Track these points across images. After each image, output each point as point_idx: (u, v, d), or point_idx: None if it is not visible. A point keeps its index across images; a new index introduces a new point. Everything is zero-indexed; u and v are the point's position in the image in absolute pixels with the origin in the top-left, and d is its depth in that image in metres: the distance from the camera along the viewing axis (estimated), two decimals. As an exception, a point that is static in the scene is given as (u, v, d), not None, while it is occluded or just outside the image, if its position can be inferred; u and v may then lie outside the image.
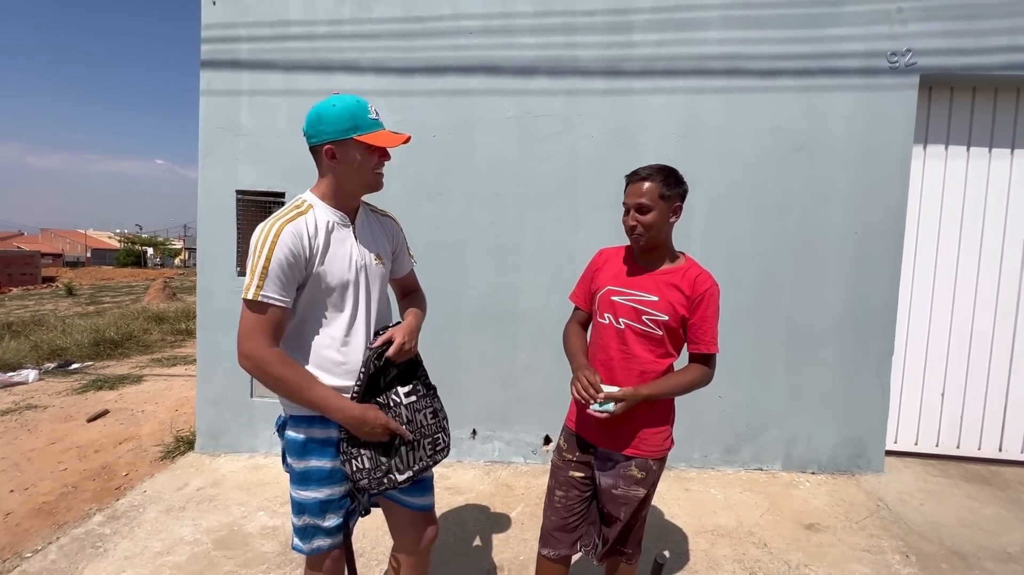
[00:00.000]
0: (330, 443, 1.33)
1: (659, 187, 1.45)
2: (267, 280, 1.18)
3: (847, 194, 3.05)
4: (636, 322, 1.51)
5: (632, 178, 1.50)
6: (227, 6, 3.21)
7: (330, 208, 1.33)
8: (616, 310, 1.55)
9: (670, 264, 1.56)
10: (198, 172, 3.30)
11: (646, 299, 1.50)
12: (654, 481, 1.56)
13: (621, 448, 1.54)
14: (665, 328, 1.49)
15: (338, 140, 1.25)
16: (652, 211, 1.45)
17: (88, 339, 6.43)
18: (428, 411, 1.42)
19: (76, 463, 3.28)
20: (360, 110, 1.26)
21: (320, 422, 1.31)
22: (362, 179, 1.32)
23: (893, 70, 2.97)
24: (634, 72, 3.08)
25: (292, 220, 1.24)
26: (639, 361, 1.52)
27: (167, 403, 4.42)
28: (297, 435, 1.32)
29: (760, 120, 3.06)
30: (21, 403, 4.38)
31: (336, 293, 1.31)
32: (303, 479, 1.33)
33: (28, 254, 26.53)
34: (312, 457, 1.32)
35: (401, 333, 1.35)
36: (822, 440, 3.16)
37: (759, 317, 3.13)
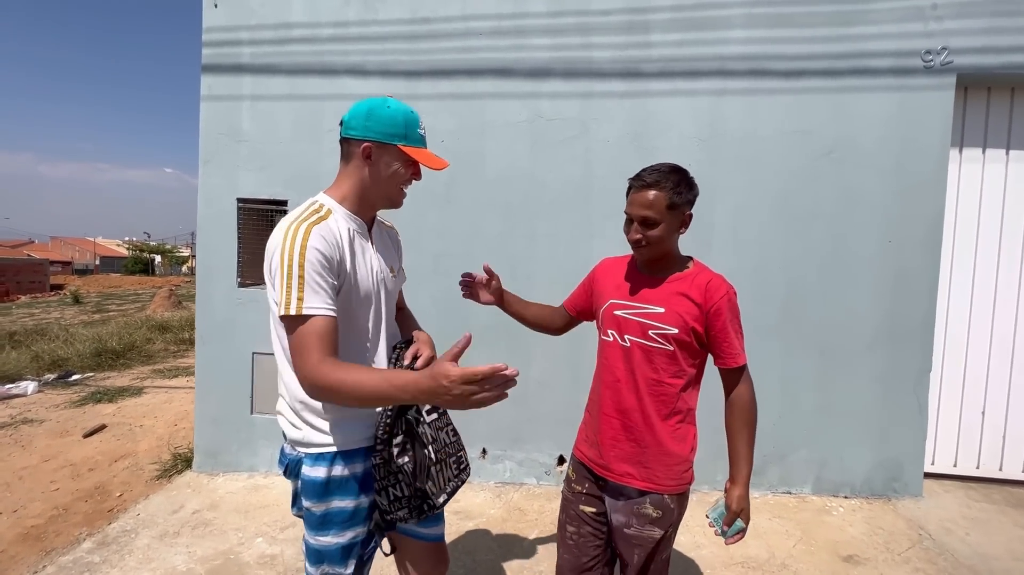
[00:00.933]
0: (354, 479, 1.21)
1: (668, 196, 1.28)
2: (305, 290, 1.05)
3: (880, 201, 2.88)
4: (643, 338, 1.35)
5: (636, 183, 1.32)
6: (229, 8, 3.11)
7: (349, 214, 1.23)
8: (620, 326, 1.40)
9: (677, 271, 1.39)
10: (198, 179, 3.18)
11: (651, 311, 1.35)
12: (673, 521, 1.39)
13: (633, 482, 1.37)
14: (676, 342, 1.33)
15: (380, 142, 1.18)
16: (659, 225, 1.29)
17: (90, 349, 6.32)
18: (449, 429, 1.35)
19: (69, 482, 3.14)
20: (413, 121, 1.22)
21: (343, 457, 1.20)
22: (387, 191, 1.24)
23: (928, 70, 2.81)
24: (652, 74, 2.93)
25: (318, 223, 1.12)
26: (647, 382, 1.36)
27: (166, 417, 4.29)
28: (316, 475, 1.19)
29: (786, 123, 2.90)
30: (18, 417, 4.26)
31: (362, 306, 1.21)
32: (323, 524, 1.20)
33: (37, 262, 26.74)
34: (335, 497, 1.20)
35: (428, 346, 1.30)
36: (855, 462, 2.96)
37: (786, 331, 2.95)
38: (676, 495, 1.39)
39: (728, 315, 1.32)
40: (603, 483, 1.46)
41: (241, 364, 3.17)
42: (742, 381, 1.38)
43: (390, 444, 1.20)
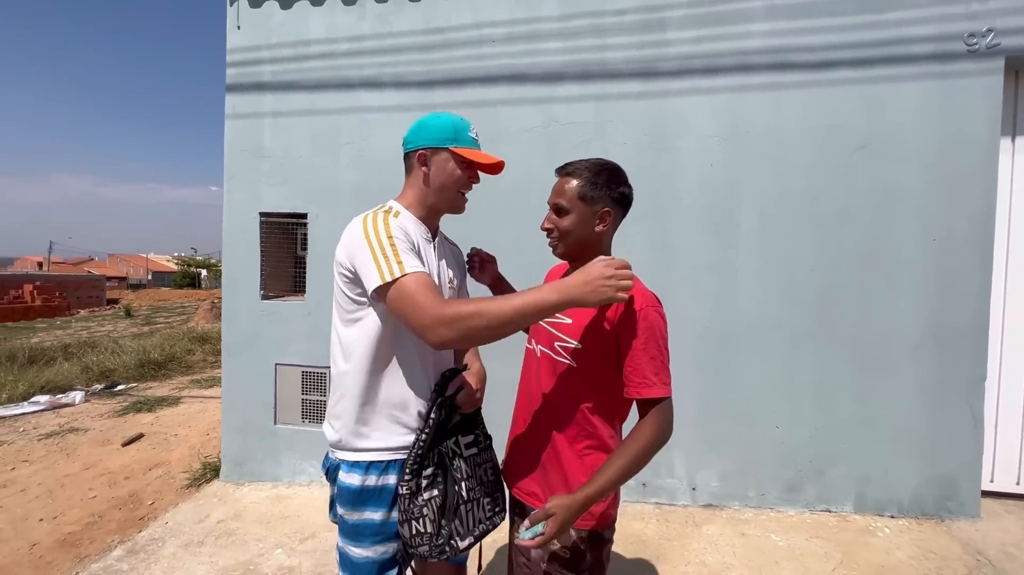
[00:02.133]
0: (387, 492, 1.19)
1: (581, 186, 1.18)
2: (400, 255, 1.07)
3: (921, 197, 2.68)
4: (549, 349, 1.24)
5: (557, 172, 1.26)
6: (251, 29, 3.21)
7: (415, 219, 1.26)
8: (535, 333, 1.31)
9: None
10: (223, 196, 3.28)
11: (560, 322, 1.22)
12: (589, 567, 1.17)
13: (534, 503, 1.22)
14: (577, 358, 1.18)
15: (433, 147, 1.23)
16: (569, 214, 1.20)
17: (134, 360, 6.63)
18: (488, 466, 1.29)
19: (106, 490, 3.26)
20: (462, 126, 1.26)
21: (376, 467, 1.19)
22: (447, 195, 1.26)
23: (972, 54, 2.61)
24: (669, 72, 2.84)
25: (388, 218, 1.16)
26: (552, 401, 1.22)
27: (199, 427, 4.42)
28: (351, 482, 1.19)
29: (814, 118, 2.75)
30: (65, 426, 4.48)
31: None
32: (356, 534, 1.20)
33: (94, 278, 28.46)
34: (367, 507, 1.19)
35: (476, 380, 1.28)
36: (901, 478, 2.74)
37: (820, 338, 2.78)
38: (588, 533, 1.17)
39: (644, 332, 1.11)
40: (520, 507, 1.29)
41: (264, 375, 3.23)
42: (652, 414, 1.10)
43: (419, 475, 1.15)
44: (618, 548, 2.49)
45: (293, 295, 3.35)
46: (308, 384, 3.23)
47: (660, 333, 1.13)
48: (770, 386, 2.82)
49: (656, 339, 1.12)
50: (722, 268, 2.82)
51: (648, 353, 1.11)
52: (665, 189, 2.86)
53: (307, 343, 3.18)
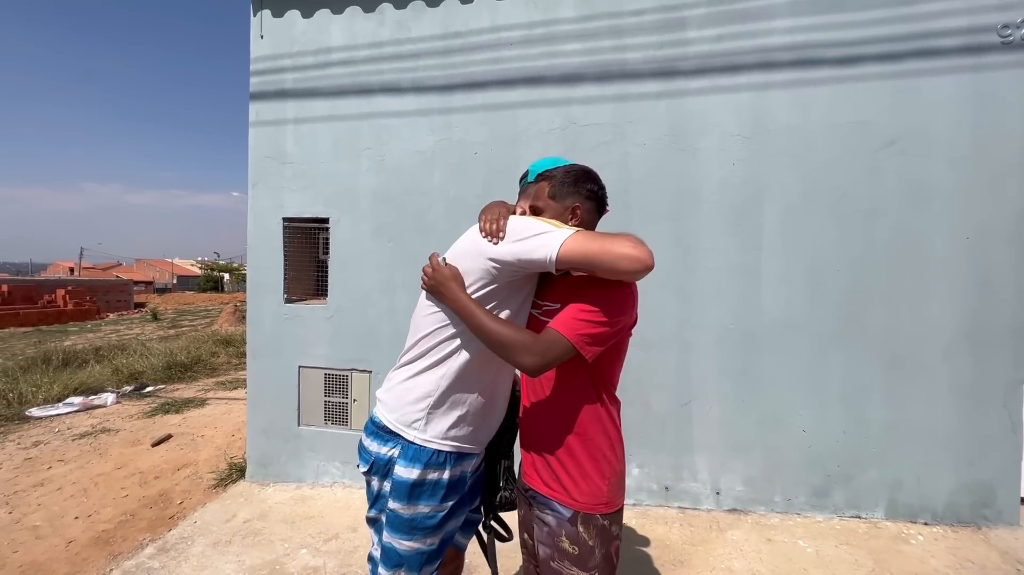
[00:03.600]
0: (440, 486, 1.26)
1: (551, 187, 1.31)
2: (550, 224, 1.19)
3: (953, 193, 2.60)
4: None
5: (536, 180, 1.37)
6: (274, 38, 3.27)
7: None
8: (531, 326, 1.32)
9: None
10: (248, 202, 3.34)
11: (550, 308, 1.27)
12: (598, 564, 1.21)
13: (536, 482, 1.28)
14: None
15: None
16: (543, 213, 1.31)
17: (162, 363, 6.80)
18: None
19: (137, 490, 3.35)
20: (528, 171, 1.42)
21: (449, 459, 1.27)
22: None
23: (1006, 45, 2.52)
24: (690, 71, 2.81)
25: None
26: (552, 391, 1.29)
27: (225, 428, 4.51)
28: (409, 475, 1.24)
29: (839, 114, 2.69)
30: (98, 427, 4.62)
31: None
32: (410, 528, 1.25)
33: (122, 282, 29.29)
34: (422, 502, 1.24)
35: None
36: (935, 484, 2.66)
37: (848, 338, 2.71)
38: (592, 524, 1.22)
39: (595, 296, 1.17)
40: (530, 492, 1.32)
41: (288, 378, 3.28)
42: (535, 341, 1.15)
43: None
44: (641, 552, 2.46)
45: (315, 299, 3.40)
46: (331, 387, 3.27)
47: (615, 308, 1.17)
48: (796, 389, 2.77)
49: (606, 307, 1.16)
50: (745, 269, 2.78)
51: (585, 311, 1.16)
52: (686, 189, 2.83)
53: (329, 346, 3.22)
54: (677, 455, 2.87)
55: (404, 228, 3.08)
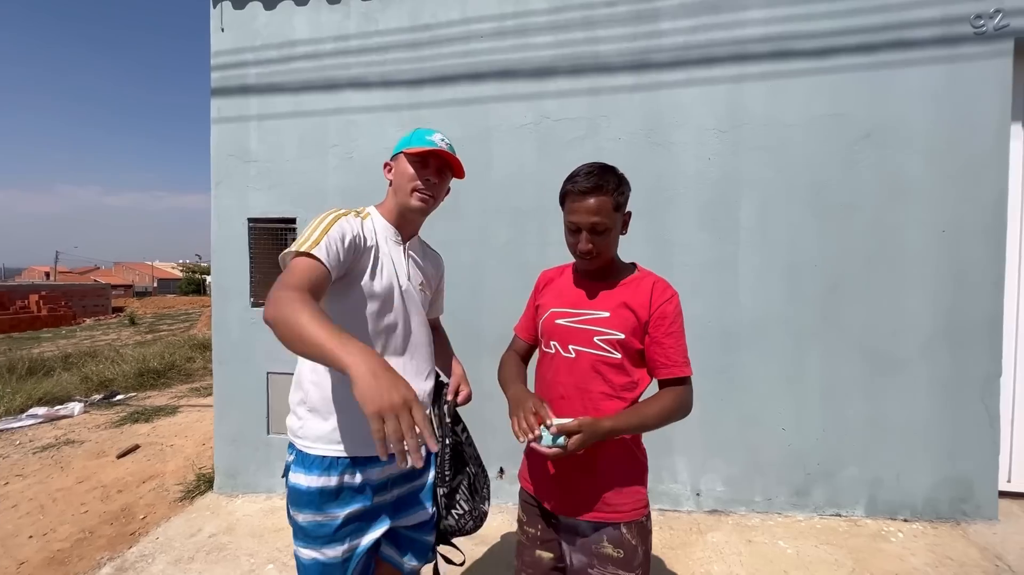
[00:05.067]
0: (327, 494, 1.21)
1: (613, 198, 1.19)
2: (319, 244, 1.13)
3: (929, 187, 2.57)
4: (588, 346, 1.24)
5: (575, 188, 1.20)
6: (235, 31, 3.14)
7: (386, 223, 1.34)
8: (563, 336, 1.27)
9: (622, 275, 1.29)
10: (211, 202, 3.21)
11: (596, 317, 1.24)
12: (641, 562, 1.22)
13: (580, 512, 1.23)
14: (623, 349, 1.22)
15: (394, 155, 1.34)
16: (610, 231, 1.21)
17: (133, 370, 6.59)
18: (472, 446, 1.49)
19: (98, 505, 3.20)
20: (422, 132, 1.31)
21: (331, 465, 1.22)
22: (401, 195, 1.31)
23: (979, 36, 2.50)
24: (664, 64, 2.74)
25: (349, 215, 1.26)
26: (596, 396, 1.23)
27: (196, 436, 4.36)
28: (297, 482, 1.22)
29: (815, 107, 2.65)
30: (61, 438, 4.43)
31: (378, 300, 1.26)
32: (304, 535, 1.23)
33: (100, 287, 28.61)
34: (310, 509, 1.21)
35: (466, 384, 1.44)
36: (914, 480, 2.63)
37: (827, 335, 2.68)
38: (633, 524, 1.23)
39: (672, 319, 1.23)
40: (555, 521, 1.31)
41: (256, 384, 3.16)
42: (679, 387, 1.24)
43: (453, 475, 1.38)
44: (620, 558, 2.40)
45: (284, 302, 3.28)
46: (300, 393, 3.15)
47: (682, 319, 1.25)
48: (775, 386, 2.73)
49: (680, 324, 1.24)
50: (723, 265, 2.72)
51: (674, 337, 1.22)
52: (662, 185, 2.77)
53: (298, 351, 3.10)
54: (657, 456, 2.77)
55: (374, 228, 2.97)
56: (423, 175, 1.28)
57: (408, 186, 1.28)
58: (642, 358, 1.25)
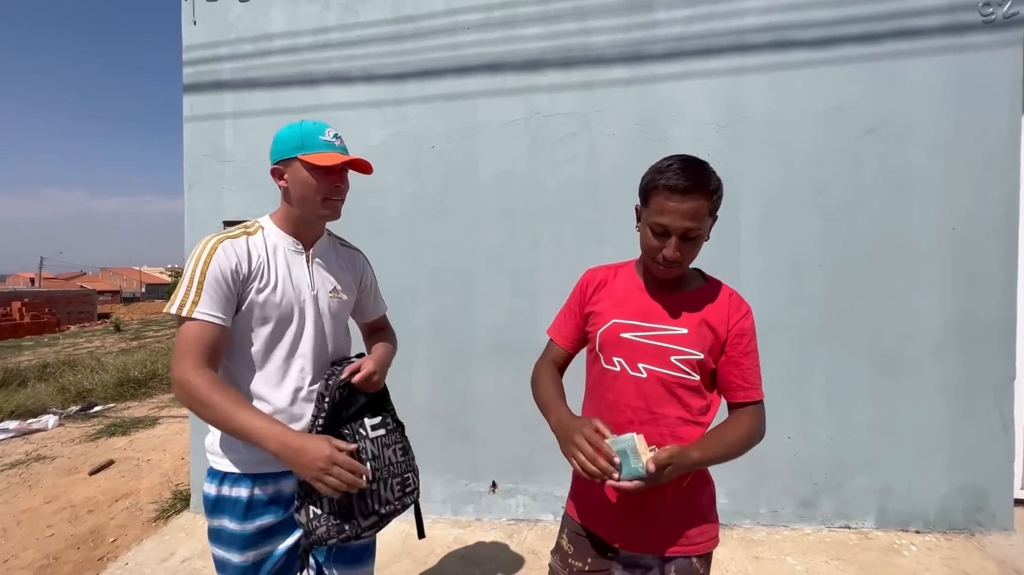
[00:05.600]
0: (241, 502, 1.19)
1: (711, 201, 1.04)
2: (202, 295, 1.10)
3: (937, 182, 2.46)
4: (664, 366, 1.10)
5: (669, 184, 1.02)
6: (208, 24, 2.97)
7: (282, 233, 1.27)
8: (630, 352, 1.12)
9: (692, 284, 1.16)
10: (184, 205, 3.03)
11: (672, 333, 1.10)
12: None
13: (652, 546, 1.12)
14: (701, 370, 1.10)
15: (284, 159, 1.21)
16: (701, 239, 1.08)
17: (113, 379, 6.37)
18: (398, 447, 1.29)
19: (65, 527, 3.01)
20: (312, 130, 1.20)
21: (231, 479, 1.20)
22: (309, 205, 1.22)
23: (988, 25, 2.39)
24: (660, 55, 2.62)
25: (233, 238, 1.19)
26: (673, 422, 1.10)
27: (175, 450, 4.17)
28: (208, 491, 1.22)
29: (818, 100, 2.53)
30: (33, 453, 4.22)
31: (275, 323, 1.21)
32: (215, 538, 1.22)
33: (85, 293, 28.10)
34: (223, 516, 1.20)
35: (371, 363, 1.26)
36: (926, 490, 2.52)
37: (832, 338, 2.56)
38: (706, 556, 1.15)
39: (751, 337, 1.14)
40: (613, 553, 1.18)
41: (234, 397, 2.99)
42: (755, 410, 1.14)
43: None
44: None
45: (263, 309, 3.11)
46: (281, 405, 2.99)
47: (756, 335, 1.16)
48: (779, 393, 2.59)
49: (756, 341, 1.14)
50: (722, 267, 2.55)
51: (752, 358, 1.13)
52: (659, 182, 2.63)
53: (278, 361, 2.94)
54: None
55: (357, 230, 2.76)
56: (331, 183, 1.20)
57: (315, 197, 1.20)
58: (714, 379, 1.14)
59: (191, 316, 1.08)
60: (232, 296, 1.14)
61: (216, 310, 1.10)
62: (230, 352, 1.19)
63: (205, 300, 1.09)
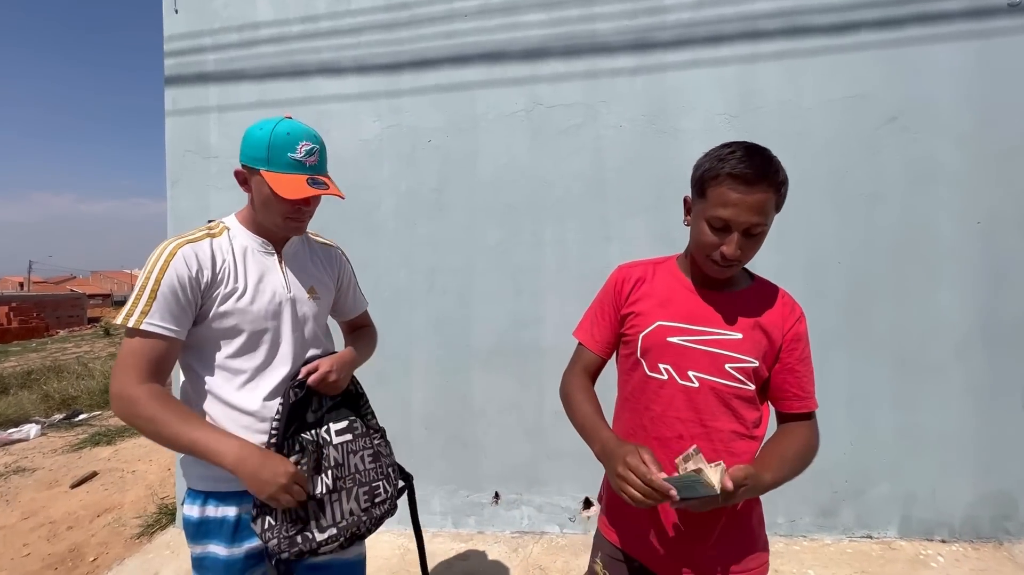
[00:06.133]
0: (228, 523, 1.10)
1: (778, 195, 0.93)
2: (154, 304, 1.01)
3: (961, 174, 2.35)
4: (717, 375, 0.98)
5: (733, 173, 0.90)
6: (191, 13, 2.82)
7: (250, 234, 1.17)
8: (679, 358, 1.00)
9: (741, 284, 1.04)
10: (167, 203, 2.88)
11: (726, 338, 0.99)
12: None
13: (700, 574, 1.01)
14: (756, 379, 1.00)
15: (249, 167, 1.10)
16: (763, 236, 0.96)
17: (99, 386, 6.18)
18: (367, 453, 1.19)
19: (43, 546, 2.84)
20: (283, 143, 1.06)
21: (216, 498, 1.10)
22: (270, 218, 1.12)
23: (1013, 8, 2.28)
24: (668, 43, 2.49)
25: (195, 241, 1.09)
26: (727, 436, 0.99)
27: (162, 460, 4.00)
28: (190, 513, 1.10)
29: (834, 88, 2.41)
30: (12, 465, 4.04)
31: (249, 331, 1.10)
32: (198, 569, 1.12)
33: (75, 296, 27.71)
34: (210, 541, 1.10)
35: (328, 362, 1.17)
36: (952, 497, 2.40)
37: (852, 338, 2.44)
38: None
39: (806, 342, 1.03)
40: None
41: (221, 406, 2.83)
42: (812, 423, 1.04)
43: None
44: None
45: (251, 313, 2.96)
46: (271, 414, 2.83)
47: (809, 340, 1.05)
48: (797, 396, 2.48)
49: (809, 347, 1.04)
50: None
51: (807, 364, 1.03)
52: (668, 177, 2.50)
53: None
54: (668, 476, 2.54)
55: (350, 228, 2.66)
56: (292, 206, 1.10)
57: (274, 215, 1.11)
58: (765, 389, 1.03)
59: (138, 327, 0.99)
60: (189, 306, 1.04)
61: (167, 321, 1.01)
62: (201, 363, 1.10)
63: (156, 310, 1.00)
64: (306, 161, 1.08)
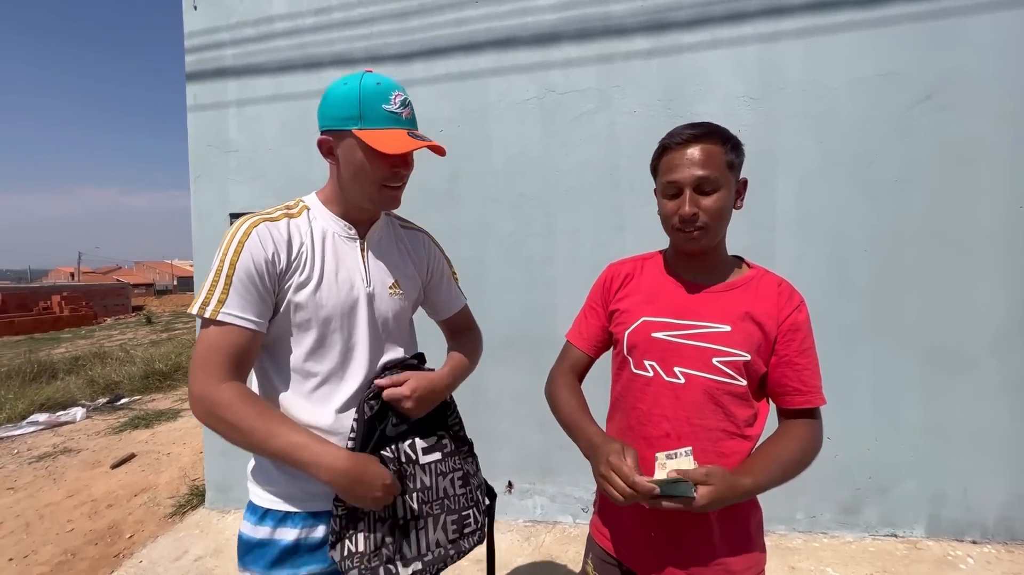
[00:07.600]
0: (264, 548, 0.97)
1: (724, 151, 0.91)
2: (231, 292, 0.88)
3: (1003, 155, 2.20)
4: (704, 370, 0.94)
5: (675, 140, 0.93)
6: (209, 9, 2.87)
7: (332, 215, 1.03)
8: (664, 354, 0.97)
9: (732, 275, 1.01)
10: (191, 197, 2.96)
11: (713, 331, 0.94)
12: None
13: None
14: (748, 374, 0.94)
15: (336, 130, 0.95)
16: (720, 190, 0.91)
17: (140, 372, 6.48)
18: (456, 475, 1.04)
19: (85, 522, 3.02)
20: (375, 94, 0.93)
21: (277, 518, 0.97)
22: (363, 190, 0.98)
23: (1065, -27, 2.10)
24: (684, 23, 2.40)
25: (273, 220, 0.97)
26: (716, 435, 0.95)
27: (194, 444, 4.19)
28: (244, 531, 0.99)
29: (863, 66, 2.28)
30: (59, 446, 4.30)
31: (319, 329, 0.97)
32: None
33: (120, 286, 29.07)
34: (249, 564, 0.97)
35: (411, 387, 0.99)
36: (984, 495, 2.29)
37: (879, 331, 2.33)
38: None
39: (806, 332, 0.96)
40: None
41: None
42: (814, 420, 0.98)
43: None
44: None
45: (272, 303, 3.04)
46: (291, 401, 2.92)
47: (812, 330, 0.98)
48: (818, 389, 2.39)
49: (813, 338, 0.98)
50: (756, 253, 2.35)
51: (809, 356, 0.96)
52: (684, 163, 2.43)
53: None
54: (683, 468, 2.51)
55: (364, 220, 2.70)
56: (391, 168, 0.96)
57: (370, 185, 0.97)
58: (762, 384, 0.98)
59: (215, 319, 0.87)
60: (268, 294, 0.92)
61: (247, 311, 0.89)
62: (272, 364, 0.98)
63: (234, 299, 0.88)
64: (402, 113, 0.96)
